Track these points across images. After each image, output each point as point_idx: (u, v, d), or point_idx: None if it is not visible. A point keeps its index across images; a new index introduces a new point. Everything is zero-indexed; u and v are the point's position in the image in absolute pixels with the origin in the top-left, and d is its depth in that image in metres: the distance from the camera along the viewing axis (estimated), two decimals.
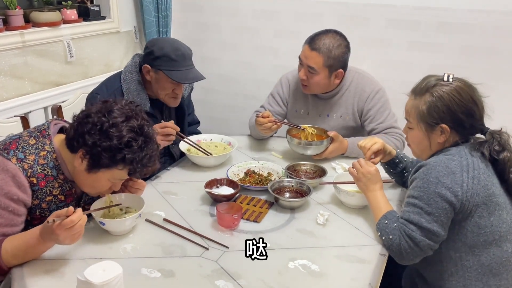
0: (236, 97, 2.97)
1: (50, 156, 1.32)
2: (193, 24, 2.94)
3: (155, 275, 1.21)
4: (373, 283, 1.22)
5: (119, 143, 1.23)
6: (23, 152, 1.29)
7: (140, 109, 1.34)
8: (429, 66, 2.33)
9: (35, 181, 1.29)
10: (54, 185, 1.34)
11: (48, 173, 1.32)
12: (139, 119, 1.29)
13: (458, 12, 2.25)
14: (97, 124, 1.24)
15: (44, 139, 1.34)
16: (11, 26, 2.14)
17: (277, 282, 1.20)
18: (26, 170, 1.27)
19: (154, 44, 1.83)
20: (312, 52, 1.93)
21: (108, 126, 1.24)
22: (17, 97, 2.20)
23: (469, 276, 1.32)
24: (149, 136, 1.30)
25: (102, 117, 1.25)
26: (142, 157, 1.28)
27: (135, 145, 1.25)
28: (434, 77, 1.39)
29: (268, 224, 1.47)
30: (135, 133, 1.26)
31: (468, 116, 1.34)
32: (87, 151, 1.25)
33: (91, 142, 1.24)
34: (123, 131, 1.24)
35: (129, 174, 1.32)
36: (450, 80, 1.35)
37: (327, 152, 1.91)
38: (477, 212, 1.29)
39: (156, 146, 1.34)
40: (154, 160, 1.34)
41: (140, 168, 1.30)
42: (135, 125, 1.27)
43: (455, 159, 1.31)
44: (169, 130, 1.75)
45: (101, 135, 1.24)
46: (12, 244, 1.21)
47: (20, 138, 1.33)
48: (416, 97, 1.39)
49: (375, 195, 1.46)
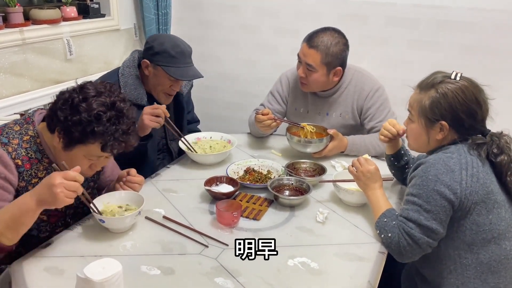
0: (236, 95, 2.97)
1: (33, 140, 1.35)
2: (193, 22, 2.93)
3: (155, 273, 1.22)
4: (372, 281, 1.22)
5: (88, 116, 1.25)
6: (6, 137, 1.32)
7: (116, 88, 1.35)
8: (429, 65, 2.31)
9: (20, 163, 1.31)
10: (39, 168, 1.35)
11: (32, 156, 1.34)
12: (112, 96, 1.30)
13: (458, 11, 2.24)
14: (68, 99, 1.27)
15: (28, 125, 1.37)
16: (11, 23, 2.13)
17: (276, 280, 1.21)
18: (11, 153, 1.29)
19: (154, 39, 1.84)
20: (310, 49, 1.93)
21: (78, 100, 1.26)
22: (16, 95, 2.19)
23: (467, 274, 1.32)
24: (121, 111, 1.30)
25: (74, 93, 1.28)
26: (113, 130, 1.27)
27: (105, 118, 1.26)
28: (442, 73, 1.39)
29: (267, 222, 1.48)
30: (105, 107, 1.27)
31: (469, 116, 1.34)
32: (61, 128, 1.27)
33: (62, 117, 1.26)
34: (92, 105, 1.26)
35: (102, 149, 1.30)
36: (457, 78, 1.35)
37: (326, 150, 1.91)
38: (475, 210, 1.29)
39: (131, 121, 1.33)
40: (129, 135, 1.32)
41: (112, 142, 1.29)
42: (107, 100, 1.28)
43: (454, 157, 1.31)
44: (159, 111, 1.71)
45: (71, 110, 1.26)
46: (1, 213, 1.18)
47: (5, 126, 1.36)
48: (421, 91, 1.39)
49: (375, 194, 1.46)
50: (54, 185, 1.13)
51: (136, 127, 1.36)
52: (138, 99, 1.86)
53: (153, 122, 1.71)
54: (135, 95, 1.85)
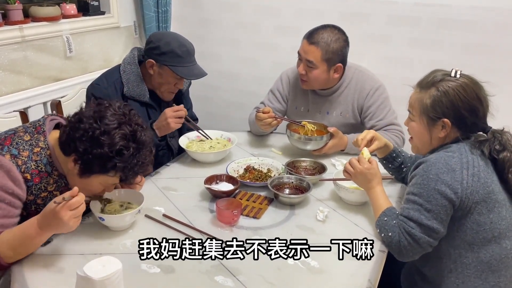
0: (236, 93, 2.96)
1: (44, 152, 1.32)
2: (193, 20, 2.92)
3: (155, 271, 1.22)
4: (373, 279, 1.22)
5: (110, 151, 1.21)
6: (17, 148, 1.28)
7: (134, 113, 1.31)
8: (430, 63, 2.31)
9: (29, 177, 1.28)
10: (49, 181, 1.33)
11: (42, 169, 1.31)
12: (132, 125, 1.26)
13: (459, 9, 2.24)
14: (89, 131, 1.22)
15: (39, 136, 1.33)
16: (10, 20, 2.13)
17: (276, 278, 1.21)
18: (20, 166, 1.27)
19: (159, 39, 1.84)
20: (311, 46, 1.92)
21: (100, 133, 1.21)
22: (16, 92, 2.19)
23: (468, 273, 1.32)
24: (141, 143, 1.26)
25: (94, 123, 1.22)
26: (133, 164, 1.25)
27: (127, 153, 1.23)
28: (441, 71, 1.38)
29: (267, 220, 1.47)
30: (127, 140, 1.23)
31: (471, 113, 1.33)
32: (79, 157, 1.24)
33: (82, 149, 1.22)
34: (115, 139, 1.21)
35: (120, 180, 1.31)
36: (457, 76, 1.34)
37: (326, 148, 1.90)
38: (476, 209, 1.29)
39: (149, 151, 1.31)
40: (146, 166, 1.31)
41: (131, 176, 1.29)
42: (127, 131, 1.24)
43: (455, 156, 1.31)
44: (181, 113, 1.83)
45: (92, 143, 1.21)
46: (9, 235, 1.20)
47: (15, 134, 1.32)
48: (421, 90, 1.39)
49: (374, 192, 1.46)
50: (63, 222, 1.14)
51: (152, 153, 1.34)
52: (140, 95, 1.88)
53: (178, 124, 1.84)
54: (137, 91, 1.87)
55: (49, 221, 1.16)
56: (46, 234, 1.21)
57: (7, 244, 1.19)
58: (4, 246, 1.19)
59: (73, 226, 1.18)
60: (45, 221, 1.17)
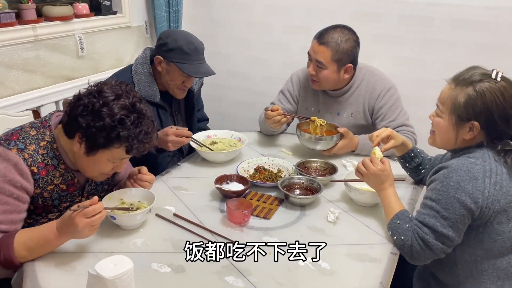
0: (247, 93, 2.96)
1: (50, 146, 1.34)
2: (203, 20, 2.93)
3: (165, 270, 1.22)
4: (384, 282, 1.21)
5: (112, 121, 1.24)
6: (23, 143, 1.31)
7: (131, 88, 1.34)
8: (442, 64, 2.30)
9: (36, 170, 1.30)
10: (55, 175, 1.35)
11: (48, 163, 1.33)
12: (130, 97, 1.29)
13: (472, 9, 2.21)
14: (88, 105, 1.26)
15: (45, 130, 1.35)
16: (24, 20, 2.15)
17: (286, 279, 1.20)
18: (27, 159, 1.29)
19: (168, 36, 1.84)
20: (321, 46, 1.91)
21: (99, 106, 1.25)
22: (29, 91, 2.21)
23: (483, 279, 1.30)
24: (142, 113, 1.30)
25: (93, 98, 1.27)
26: (137, 133, 1.28)
27: (128, 121, 1.26)
28: (480, 69, 1.31)
29: (278, 221, 1.47)
30: (127, 110, 1.27)
31: (504, 120, 1.27)
32: (83, 134, 1.27)
33: (84, 124, 1.25)
34: (114, 109, 1.25)
35: (127, 152, 1.31)
36: (498, 78, 1.27)
37: (336, 148, 1.89)
38: (496, 219, 1.25)
39: (151, 121, 1.33)
40: (151, 136, 1.33)
41: (137, 145, 1.30)
42: (127, 102, 1.28)
43: (479, 163, 1.26)
44: (184, 140, 1.77)
45: (93, 116, 1.25)
46: (27, 236, 1.22)
47: (22, 129, 1.35)
48: (456, 86, 1.31)
49: (386, 194, 1.43)
50: (78, 229, 1.17)
51: (155, 126, 1.36)
52: (151, 96, 1.87)
53: (176, 147, 1.79)
54: (148, 92, 1.86)
55: (66, 227, 1.19)
56: (63, 239, 1.23)
57: (23, 245, 1.21)
58: (21, 247, 1.21)
59: (87, 234, 1.21)
60: (63, 226, 1.20)
